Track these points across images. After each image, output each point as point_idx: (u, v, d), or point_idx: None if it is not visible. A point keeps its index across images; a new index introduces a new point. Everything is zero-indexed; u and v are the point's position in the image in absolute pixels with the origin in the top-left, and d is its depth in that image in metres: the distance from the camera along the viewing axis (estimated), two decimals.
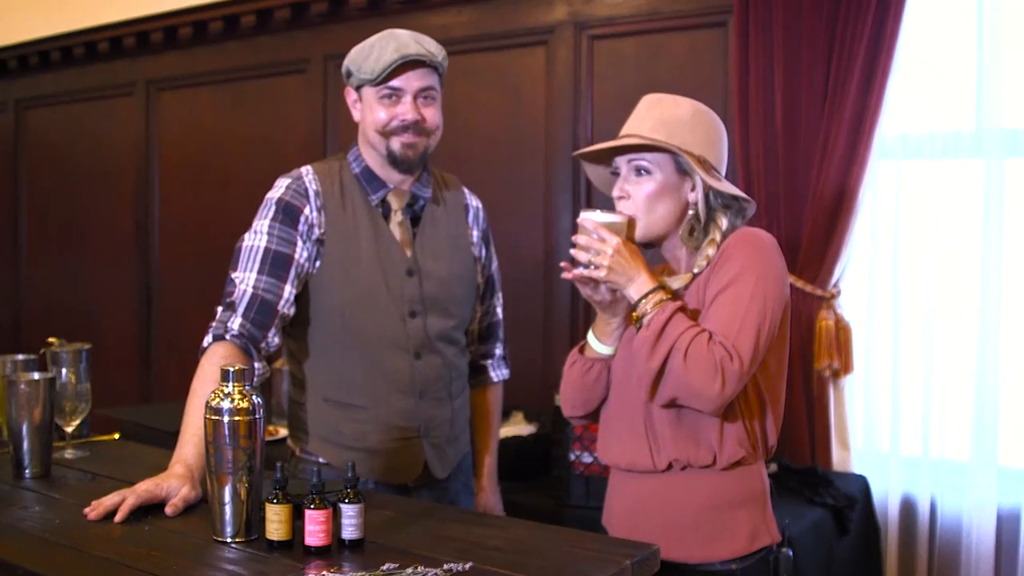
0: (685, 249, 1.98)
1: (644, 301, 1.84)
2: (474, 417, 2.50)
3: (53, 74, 5.71)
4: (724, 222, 1.94)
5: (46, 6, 5.50)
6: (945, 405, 3.24)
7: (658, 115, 1.93)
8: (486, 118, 4.16)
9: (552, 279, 3.97)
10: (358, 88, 2.22)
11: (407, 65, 2.14)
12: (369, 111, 2.20)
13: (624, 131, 1.97)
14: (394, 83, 2.16)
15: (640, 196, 1.92)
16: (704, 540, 1.90)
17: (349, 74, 2.23)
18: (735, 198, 1.94)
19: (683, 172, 1.92)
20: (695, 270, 1.94)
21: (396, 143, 2.19)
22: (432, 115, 2.21)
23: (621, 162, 1.96)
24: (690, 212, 1.94)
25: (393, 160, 2.21)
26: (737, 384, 1.78)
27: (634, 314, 1.86)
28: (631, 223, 1.91)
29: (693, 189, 1.93)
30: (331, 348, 2.22)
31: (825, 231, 3.26)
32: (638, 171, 1.93)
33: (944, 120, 3.23)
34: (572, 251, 1.88)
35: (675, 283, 1.96)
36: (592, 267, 1.85)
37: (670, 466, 1.91)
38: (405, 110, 2.17)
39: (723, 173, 1.96)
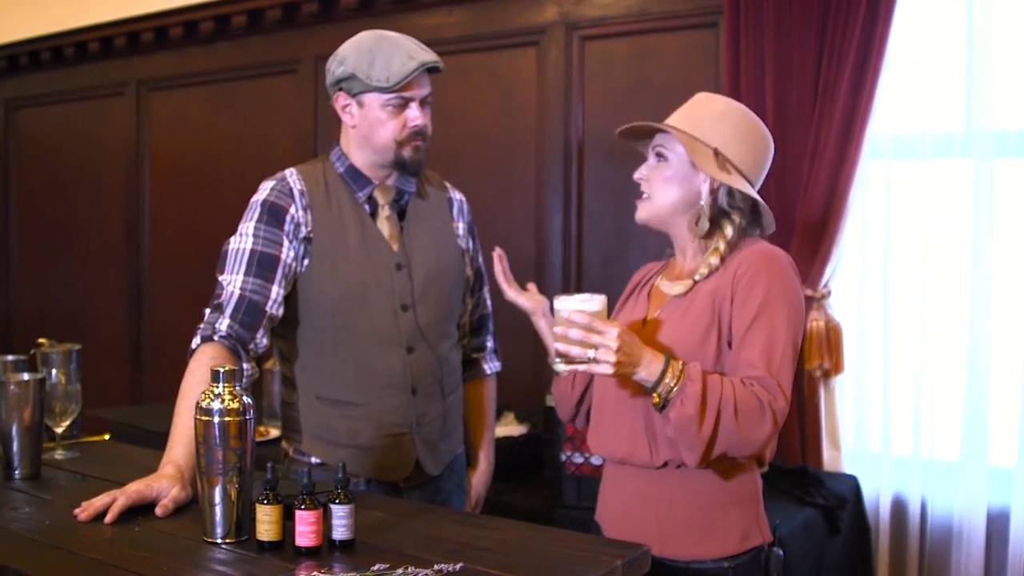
0: (693, 243, 2.00)
1: (664, 380, 1.79)
2: (469, 411, 2.50)
3: (43, 74, 5.69)
4: (730, 230, 1.95)
5: (36, 6, 5.48)
6: (935, 405, 3.24)
7: (691, 110, 2.00)
8: (477, 119, 4.16)
9: (543, 279, 3.96)
10: (357, 94, 2.19)
11: (420, 73, 2.14)
12: (377, 120, 2.18)
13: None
14: (406, 93, 2.15)
15: (655, 178, 1.98)
16: (697, 538, 1.91)
17: (344, 79, 2.19)
18: (753, 204, 1.95)
19: None
20: (696, 277, 1.95)
21: (408, 150, 2.20)
22: (430, 119, 2.23)
23: (648, 148, 2.02)
24: (700, 203, 1.96)
25: (402, 166, 2.22)
26: (783, 419, 1.80)
27: (655, 395, 1.81)
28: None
29: (706, 181, 1.95)
30: (322, 346, 2.22)
31: (815, 231, 3.26)
32: (657, 156, 1.99)
33: (934, 121, 3.24)
34: (563, 346, 1.79)
35: (676, 288, 1.97)
36: (592, 361, 1.78)
37: (666, 464, 1.91)
38: (415, 116, 2.17)
39: (754, 178, 1.97)
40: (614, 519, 2.01)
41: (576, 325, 1.78)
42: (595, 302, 1.83)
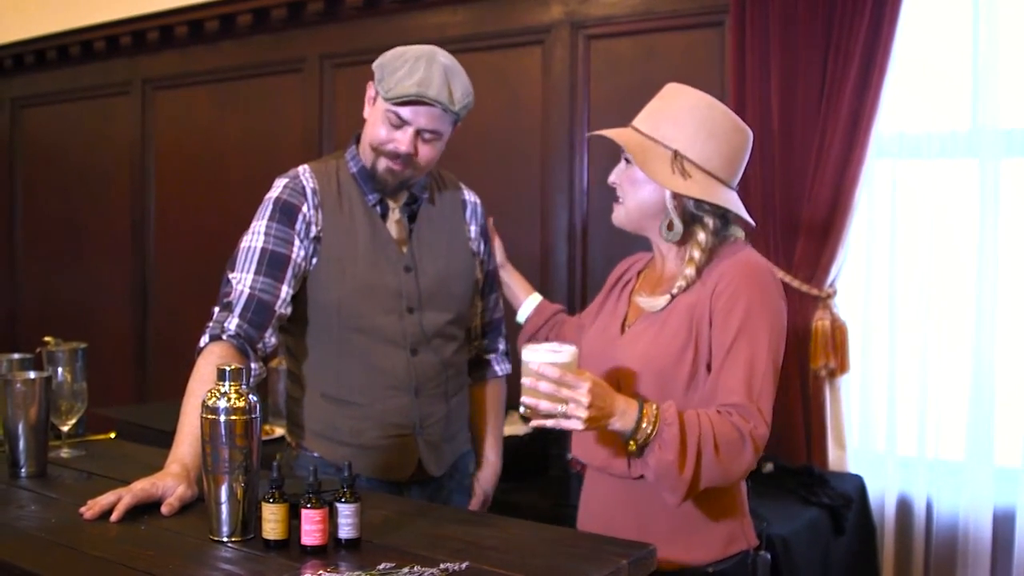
0: (671, 248, 1.96)
1: (640, 428, 1.74)
2: (478, 413, 2.50)
3: (49, 73, 5.70)
4: (703, 236, 1.89)
5: (42, 5, 5.49)
6: (941, 404, 3.24)
7: (656, 106, 1.96)
8: (482, 118, 4.12)
9: (548, 278, 3.96)
10: (377, 92, 2.19)
11: (423, 102, 2.12)
12: (373, 123, 2.19)
13: None
14: (404, 113, 2.13)
15: (623, 182, 1.96)
16: (679, 545, 1.87)
17: (376, 71, 2.18)
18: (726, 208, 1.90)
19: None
20: (673, 291, 1.90)
21: (382, 164, 2.18)
22: (427, 153, 2.18)
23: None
24: (667, 208, 1.91)
25: (373, 176, 2.22)
26: (764, 444, 1.77)
27: (632, 442, 1.76)
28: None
29: None
30: (328, 345, 2.22)
31: (821, 230, 3.26)
32: (626, 159, 1.96)
33: (940, 120, 3.23)
34: (532, 400, 1.73)
35: (656, 303, 1.91)
36: (563, 416, 1.72)
37: (642, 476, 1.86)
38: (403, 140, 2.14)
39: (727, 175, 1.91)
40: (595, 526, 1.96)
41: (546, 378, 1.72)
42: (565, 353, 1.76)
